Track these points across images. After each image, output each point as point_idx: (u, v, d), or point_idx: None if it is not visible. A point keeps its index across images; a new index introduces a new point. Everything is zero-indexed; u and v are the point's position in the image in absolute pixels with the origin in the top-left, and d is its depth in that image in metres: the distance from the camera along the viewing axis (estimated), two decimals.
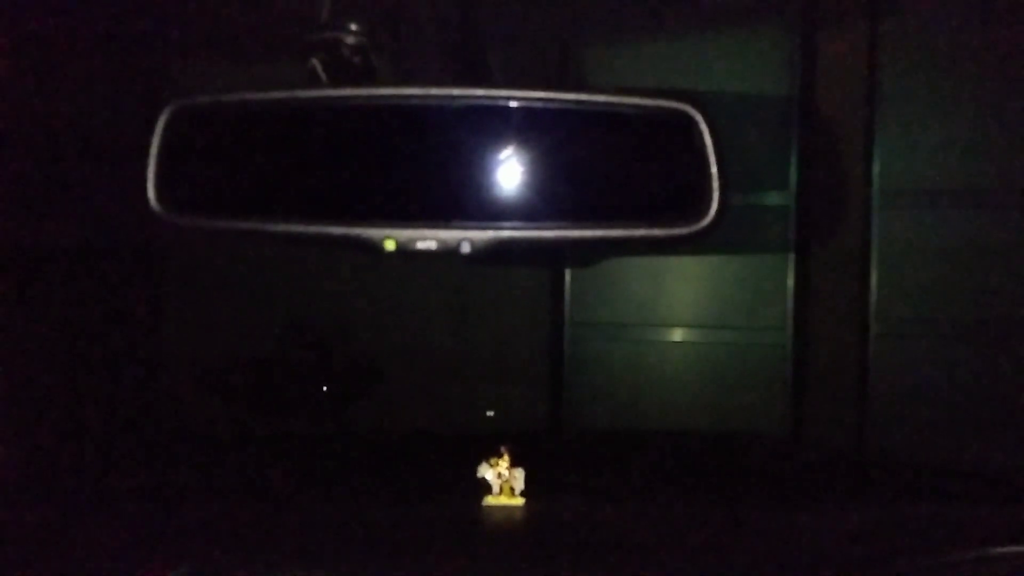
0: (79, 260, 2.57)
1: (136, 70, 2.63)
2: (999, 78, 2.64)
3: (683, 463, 2.53)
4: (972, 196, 2.71)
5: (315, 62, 1.19)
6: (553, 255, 2.82)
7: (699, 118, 1.02)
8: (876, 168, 2.78)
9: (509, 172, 1.07)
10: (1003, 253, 2.67)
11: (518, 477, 1.82)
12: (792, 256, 2.89)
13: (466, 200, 1.08)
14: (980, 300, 2.70)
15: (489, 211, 1.07)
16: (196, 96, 1.09)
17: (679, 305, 2.99)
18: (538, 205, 1.07)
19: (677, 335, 2.97)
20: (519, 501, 1.81)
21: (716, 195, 1.02)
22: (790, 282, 2.89)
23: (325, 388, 2.93)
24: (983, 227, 2.70)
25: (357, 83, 1.21)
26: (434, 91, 1.07)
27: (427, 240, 1.05)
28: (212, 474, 2.24)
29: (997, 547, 1.39)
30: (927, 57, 2.71)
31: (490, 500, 1.83)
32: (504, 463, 1.83)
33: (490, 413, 2.86)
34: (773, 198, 2.88)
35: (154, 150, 1.07)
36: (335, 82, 1.21)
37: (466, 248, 1.05)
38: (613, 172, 1.10)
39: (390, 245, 1.05)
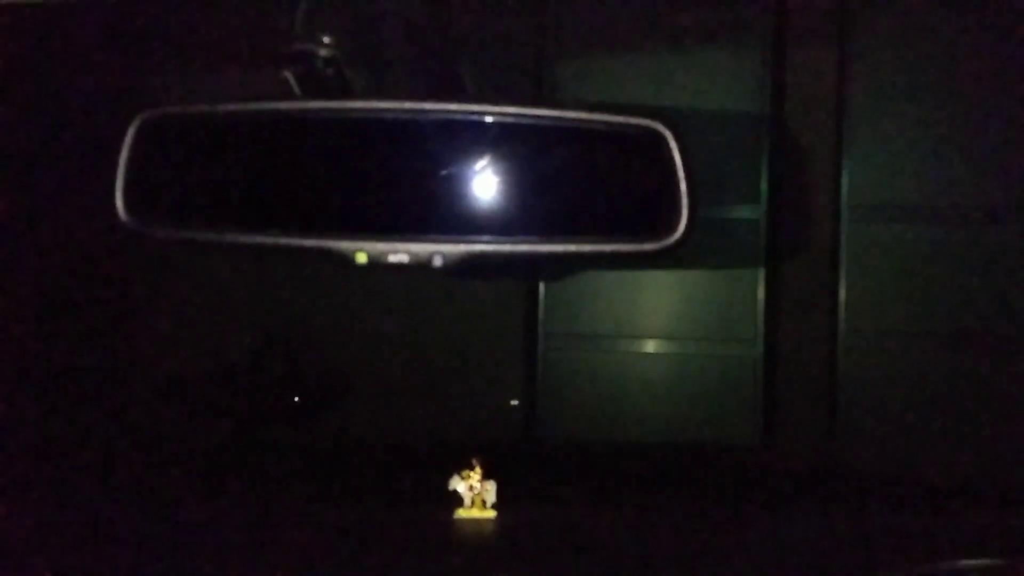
0: (52, 267, 2.54)
1: (111, 79, 2.61)
2: (967, 95, 2.69)
3: (655, 474, 2.54)
4: (940, 211, 2.75)
5: (288, 74, 1.19)
6: (525, 267, 2.83)
7: (668, 135, 1.03)
8: (845, 183, 2.82)
9: (481, 186, 1.08)
10: (970, 266, 2.72)
11: (490, 490, 1.81)
12: (762, 269, 2.92)
13: (438, 214, 1.08)
14: (948, 312, 2.74)
15: (461, 225, 1.07)
16: (167, 106, 1.08)
17: (652, 317, 3.00)
18: (510, 219, 1.08)
19: (650, 346, 2.98)
20: (491, 514, 1.81)
21: (685, 211, 1.03)
22: (761, 294, 2.92)
23: (296, 399, 2.91)
24: (950, 241, 2.75)
25: (330, 96, 1.21)
26: (407, 105, 1.07)
27: (399, 253, 1.05)
28: (179, 484, 2.22)
29: (966, 559, 1.41)
30: (896, 74, 2.76)
31: (461, 513, 1.82)
32: (476, 475, 1.83)
33: (514, 402, 2.86)
34: (744, 212, 2.90)
35: (123, 160, 1.06)
36: (308, 94, 1.21)
37: (438, 262, 1.05)
38: (584, 187, 1.11)
39: (361, 258, 1.05)
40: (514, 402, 2.88)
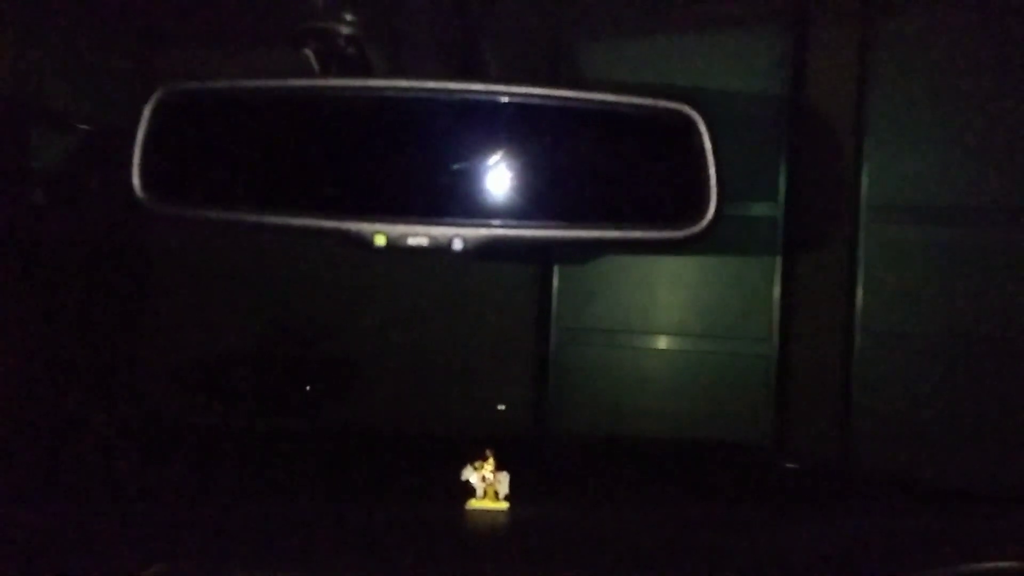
0: (63, 254, 2.53)
1: (127, 58, 2.59)
2: (991, 93, 2.65)
3: (667, 471, 2.52)
4: (960, 212, 2.72)
5: (308, 52, 1.17)
6: (544, 251, 2.81)
7: (698, 119, 1.01)
8: (864, 182, 2.79)
9: (503, 169, 1.05)
10: (990, 269, 2.68)
11: (503, 481, 1.80)
12: (779, 266, 2.89)
13: (459, 196, 1.06)
14: (965, 315, 2.71)
15: (482, 208, 1.05)
16: (185, 82, 1.06)
17: (666, 312, 2.98)
18: (532, 203, 1.05)
19: (663, 342, 2.96)
20: (503, 505, 1.79)
21: (714, 198, 1.01)
22: (776, 292, 2.89)
23: (307, 386, 2.90)
24: (970, 243, 2.71)
25: (351, 74, 1.18)
26: (429, 84, 1.05)
27: (418, 236, 1.03)
28: (188, 472, 2.21)
29: (977, 563, 1.39)
30: (919, 72, 2.72)
31: (474, 503, 1.80)
32: (489, 466, 1.81)
33: (501, 407, 2.85)
34: (761, 208, 2.88)
35: (140, 136, 1.05)
36: (328, 72, 1.19)
37: (458, 245, 1.03)
38: (609, 171, 1.09)
39: (380, 240, 1.03)
40: (501, 407, 2.87)
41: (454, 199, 1.06)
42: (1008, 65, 2.63)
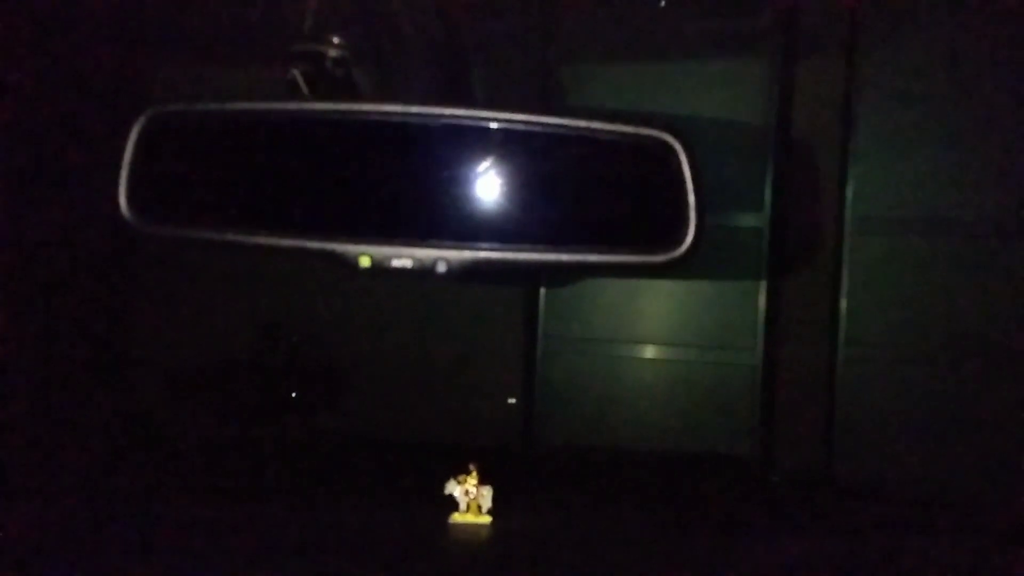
0: (50, 263, 2.53)
1: (117, 75, 2.59)
2: (975, 108, 2.68)
3: (651, 482, 2.53)
4: (945, 224, 2.74)
5: (296, 73, 1.18)
6: (527, 274, 2.81)
7: (678, 147, 1.02)
8: (850, 194, 2.81)
9: (487, 193, 1.07)
10: (974, 281, 2.70)
11: (486, 495, 1.81)
12: (764, 276, 2.90)
13: (443, 219, 1.07)
14: (950, 327, 2.73)
15: (466, 231, 1.06)
16: (172, 104, 1.07)
17: (652, 322, 2.99)
18: (516, 227, 1.07)
19: (649, 352, 2.97)
20: (486, 519, 1.80)
21: (693, 224, 1.02)
22: (762, 303, 2.90)
23: (293, 395, 2.90)
24: (955, 255, 2.73)
25: (338, 97, 1.19)
26: (415, 109, 1.06)
27: (403, 258, 1.04)
28: (175, 479, 2.21)
29: None
30: (904, 85, 2.75)
31: (457, 517, 1.81)
32: (472, 480, 1.82)
33: (512, 400, 2.86)
34: (748, 220, 2.89)
35: (127, 157, 1.06)
36: (316, 95, 1.20)
37: (442, 268, 1.04)
38: (590, 197, 1.10)
39: (365, 261, 1.04)
40: (511, 400, 2.87)
41: (438, 222, 1.08)
42: (993, 79, 2.66)
